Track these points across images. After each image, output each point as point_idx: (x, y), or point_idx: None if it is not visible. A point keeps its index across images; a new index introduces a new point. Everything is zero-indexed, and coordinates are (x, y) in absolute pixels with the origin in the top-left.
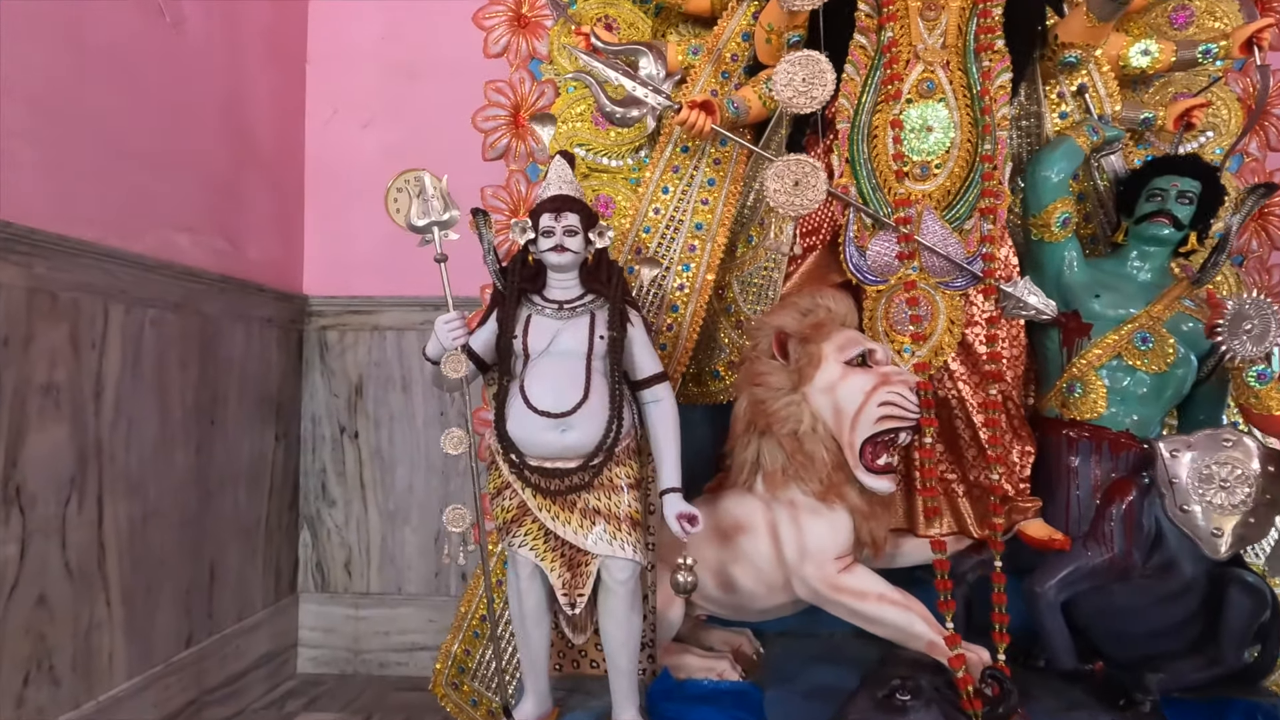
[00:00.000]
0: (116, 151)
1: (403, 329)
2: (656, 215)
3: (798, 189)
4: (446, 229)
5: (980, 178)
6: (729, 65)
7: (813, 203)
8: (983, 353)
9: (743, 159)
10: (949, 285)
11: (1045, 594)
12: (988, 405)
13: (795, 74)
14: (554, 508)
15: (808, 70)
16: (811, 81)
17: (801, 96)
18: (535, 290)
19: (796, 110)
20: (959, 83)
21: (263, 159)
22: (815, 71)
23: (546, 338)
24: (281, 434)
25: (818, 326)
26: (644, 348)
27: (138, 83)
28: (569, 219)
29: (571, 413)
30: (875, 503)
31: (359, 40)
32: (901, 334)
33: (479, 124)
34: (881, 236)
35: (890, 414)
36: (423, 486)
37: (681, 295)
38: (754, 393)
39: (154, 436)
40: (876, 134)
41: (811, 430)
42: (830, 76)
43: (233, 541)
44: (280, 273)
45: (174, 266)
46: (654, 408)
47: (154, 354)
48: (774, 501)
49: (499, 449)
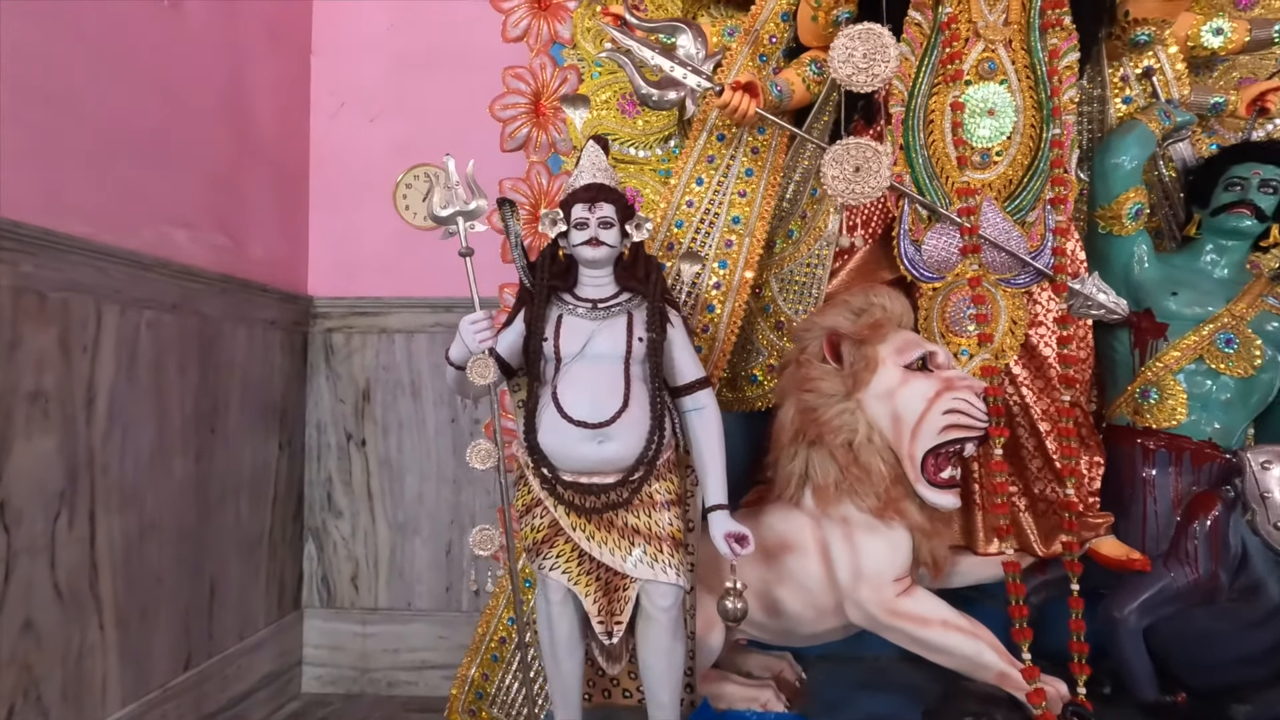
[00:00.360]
0: (109, 141)
1: (412, 331)
2: (690, 209)
3: (858, 175)
4: (473, 219)
5: (1047, 165)
6: (767, 48)
7: (875, 190)
8: (1048, 355)
9: (782, 148)
10: (1010, 283)
11: (1126, 620)
12: (1061, 413)
13: (854, 49)
14: (589, 527)
15: (868, 45)
16: (873, 57)
17: (861, 74)
18: (566, 288)
19: (856, 89)
20: (1022, 63)
21: (265, 152)
22: (877, 46)
23: (580, 340)
24: (285, 442)
25: (874, 327)
26: (685, 350)
27: (133, 68)
28: (604, 210)
29: (610, 422)
30: (936, 519)
31: (366, 29)
32: (960, 335)
33: (497, 113)
34: (938, 230)
35: (956, 423)
36: (433, 496)
37: (718, 294)
38: (803, 399)
39: (150, 446)
40: (933, 118)
41: (867, 440)
42: (894, 51)
43: (234, 556)
44: (284, 272)
45: (171, 265)
46: (696, 416)
47: (150, 358)
48: (824, 518)
49: (529, 462)
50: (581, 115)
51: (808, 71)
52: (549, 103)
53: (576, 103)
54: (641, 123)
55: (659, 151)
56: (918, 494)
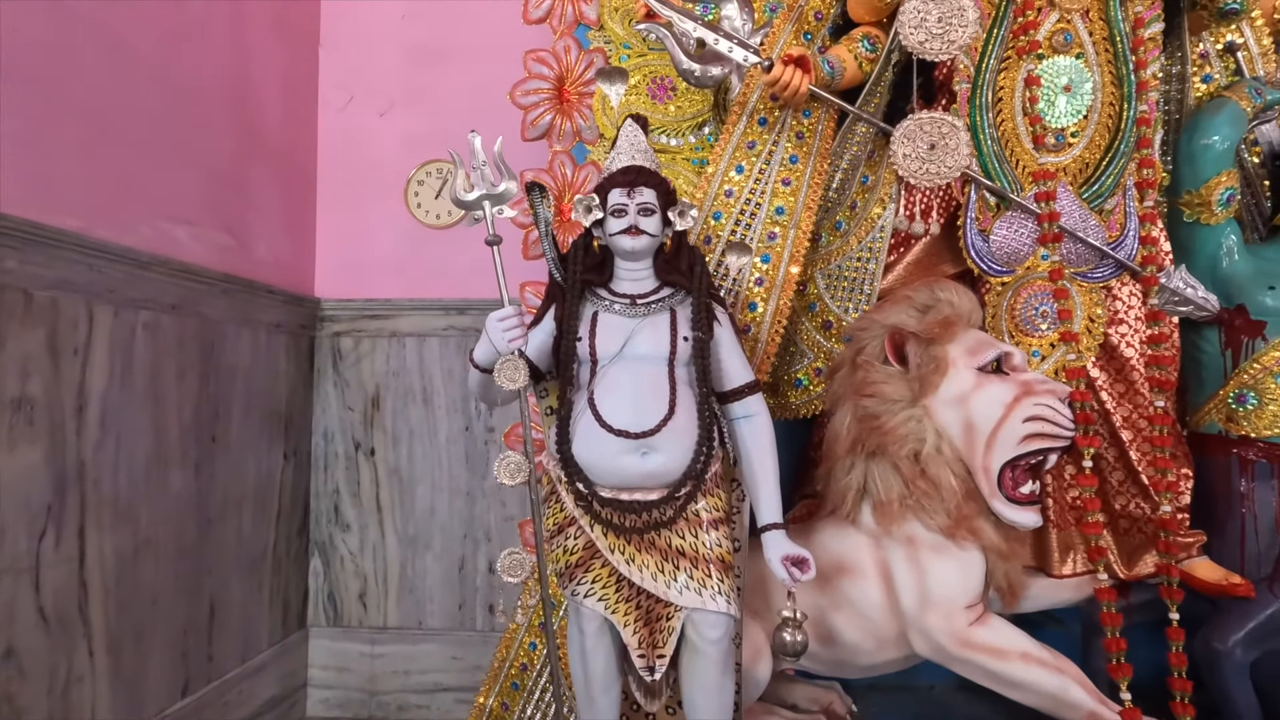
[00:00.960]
0: (106, 131)
1: (424, 335)
2: (729, 199)
3: (933, 154)
4: (501, 204)
5: (1128, 146)
6: (812, 25)
7: (952, 170)
8: (1130, 357)
9: (829, 133)
10: (1088, 276)
11: (1231, 653)
12: (1152, 420)
13: (928, 13)
14: (629, 549)
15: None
16: (949, 21)
17: (936, 40)
18: (601, 282)
19: (929, 57)
20: (1100, 34)
21: (271, 148)
22: (953, 9)
23: (619, 340)
24: (291, 452)
25: (945, 325)
26: (733, 351)
27: (131, 56)
28: (644, 195)
29: (654, 431)
30: (1012, 539)
31: (378, 20)
32: (1031, 334)
33: (518, 99)
34: (1008, 219)
35: (1039, 431)
36: (445, 509)
37: (760, 291)
38: (864, 405)
39: (146, 457)
40: (1003, 96)
41: (936, 451)
42: (972, 15)
43: (235, 573)
44: (290, 273)
45: (170, 263)
46: (745, 425)
47: (147, 362)
48: (886, 538)
49: (562, 477)
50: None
51: (860, 48)
52: (573, 88)
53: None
54: (674, 108)
55: (692, 139)
56: (993, 511)
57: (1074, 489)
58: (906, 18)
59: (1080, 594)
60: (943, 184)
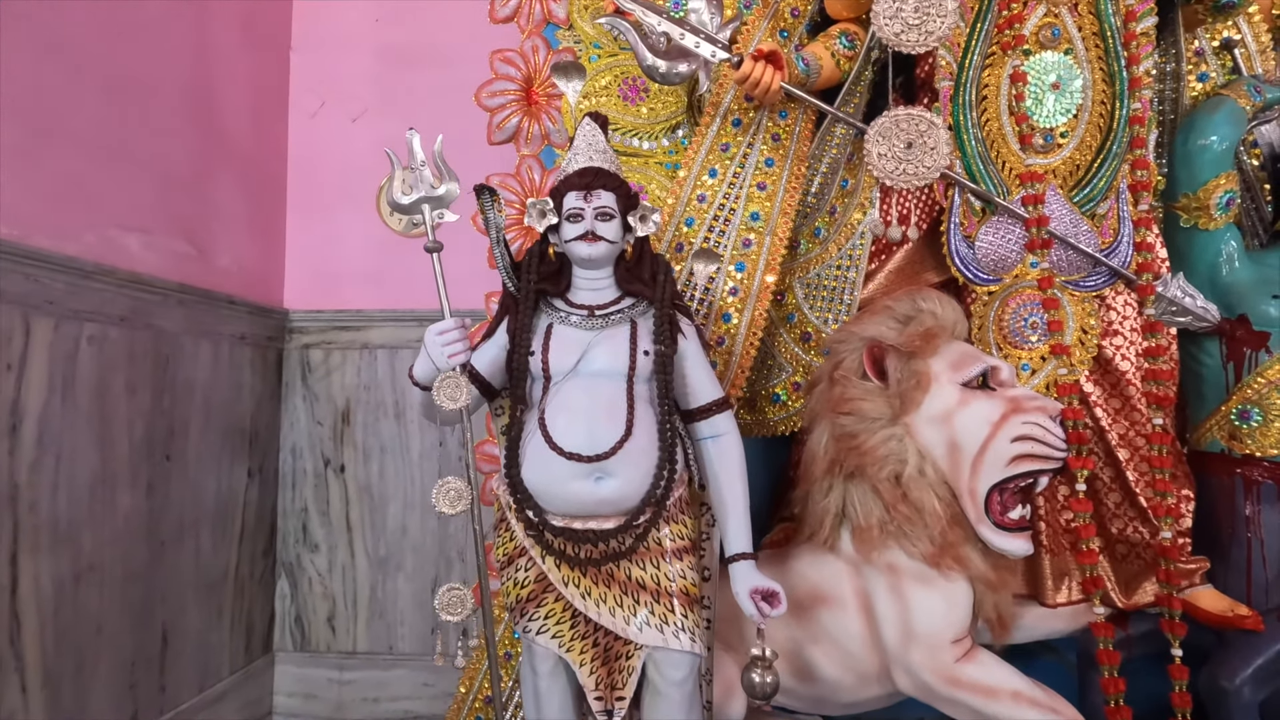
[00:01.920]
0: (48, 134)
1: (396, 347)
2: (702, 204)
3: (910, 153)
4: (441, 207)
5: (1121, 147)
6: (789, 22)
7: (931, 171)
8: (1126, 370)
9: (807, 135)
10: (1079, 285)
11: (1238, 691)
12: (1151, 439)
13: (904, 2)
14: (585, 582)
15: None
16: (925, 11)
17: (912, 31)
18: (557, 292)
19: (905, 49)
20: (1089, 29)
21: (237, 153)
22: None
23: (574, 354)
24: (256, 469)
25: (926, 337)
26: (699, 366)
27: (78, 53)
28: (603, 198)
29: (610, 454)
30: (1001, 567)
31: (350, 23)
32: (1020, 346)
33: (484, 100)
34: (994, 224)
35: (1028, 452)
36: (418, 528)
37: (735, 301)
38: (841, 423)
39: (90, 477)
40: (987, 94)
41: (918, 473)
42: (951, 5)
43: (192, 598)
44: (256, 283)
45: (118, 273)
46: (713, 445)
47: (92, 377)
48: (867, 565)
49: (511, 503)
50: (575, 88)
51: (837, 45)
52: (542, 90)
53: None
54: (646, 110)
55: (665, 142)
56: (980, 537)
57: (1067, 512)
58: (881, 7)
59: (1076, 623)
60: (921, 185)
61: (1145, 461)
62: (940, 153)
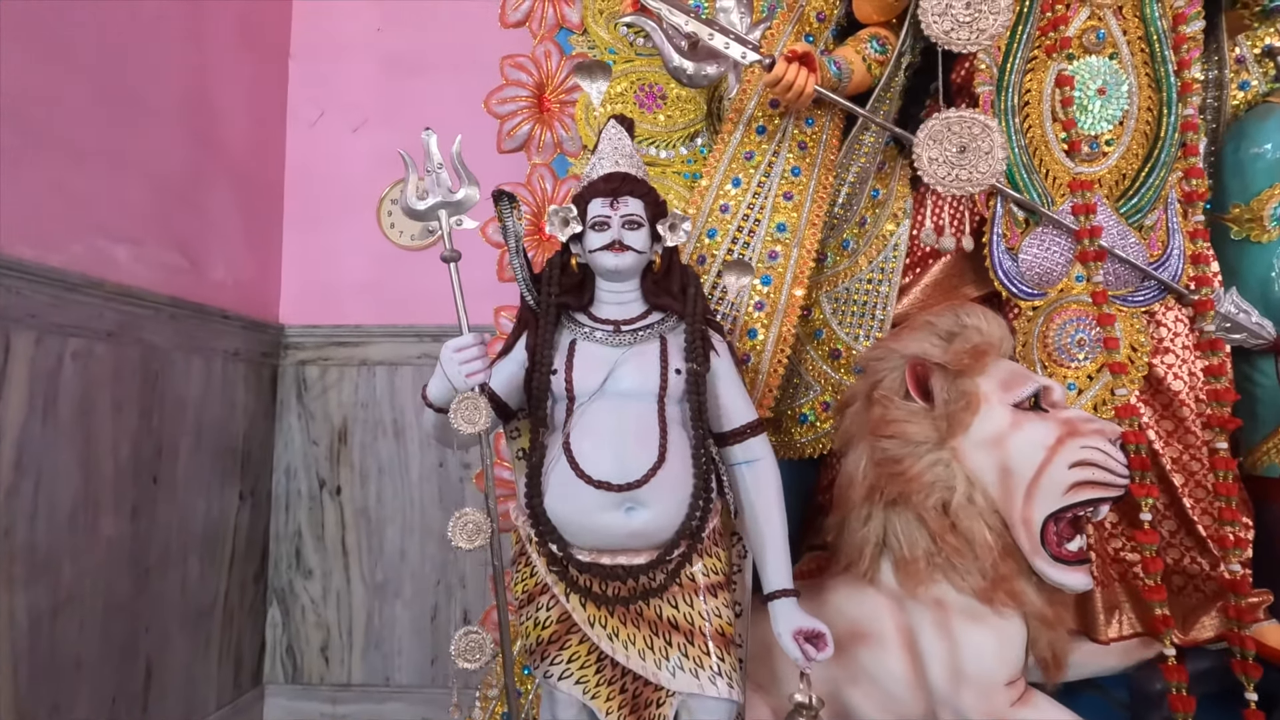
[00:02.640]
0: (31, 139)
1: (396, 364)
2: (725, 214)
3: (964, 158)
4: (459, 213)
5: (1169, 155)
6: (814, 26)
7: (986, 177)
8: (1179, 390)
9: (834, 143)
10: (1127, 300)
11: None
12: (1214, 464)
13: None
14: (612, 622)
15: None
16: (977, 7)
17: (963, 30)
18: (579, 306)
19: (955, 48)
20: (1135, 33)
21: (234, 163)
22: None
23: (600, 372)
24: (248, 491)
25: (976, 355)
26: (733, 385)
27: (67, 57)
28: (630, 206)
29: (642, 482)
30: (1057, 603)
31: (351, 32)
32: (1066, 365)
33: (494, 107)
34: (1038, 235)
35: (1089, 479)
36: (417, 552)
37: (760, 316)
38: (883, 447)
39: (72, 501)
40: (1029, 100)
41: (967, 500)
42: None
43: (178, 629)
44: (251, 297)
45: (106, 285)
46: (748, 471)
47: (75, 395)
48: (911, 601)
49: (532, 536)
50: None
51: (868, 49)
52: (554, 96)
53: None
54: (663, 117)
55: (683, 151)
56: (1035, 570)
57: (1116, 540)
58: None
59: (1128, 660)
60: (975, 192)
61: (1201, 487)
62: (996, 158)
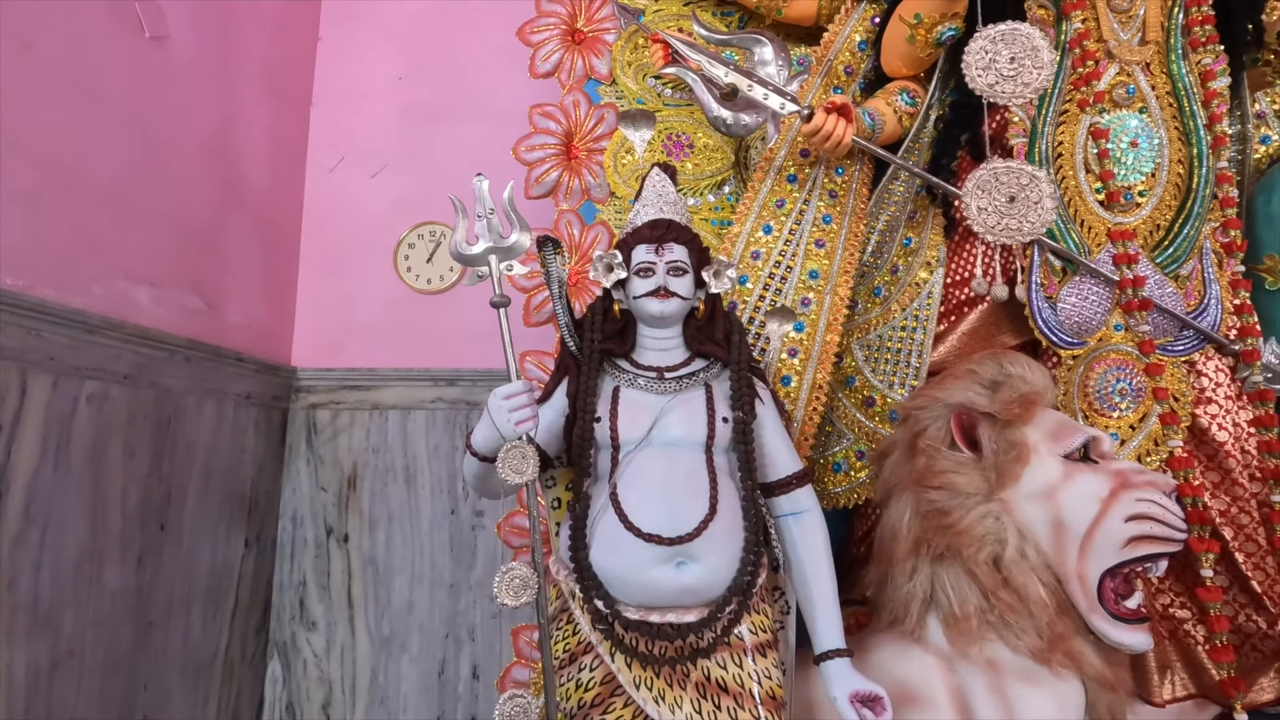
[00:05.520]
0: (61, 181)
1: (409, 408)
2: (756, 261)
3: (1013, 208)
4: (510, 259)
5: (1201, 207)
6: (842, 80)
7: (1036, 226)
8: (1224, 441)
9: (864, 192)
10: (1168, 350)
11: None
12: (1274, 518)
13: (998, 53)
14: (659, 684)
15: (1016, 48)
16: (1021, 62)
17: (1007, 83)
18: (622, 352)
19: (1000, 100)
20: (1163, 88)
21: (252, 206)
22: (1026, 49)
23: (645, 421)
24: (254, 538)
25: (1025, 404)
26: (777, 434)
27: (99, 100)
28: (675, 252)
29: (693, 535)
30: (1116, 664)
31: (373, 80)
32: (1108, 414)
33: (522, 154)
34: (1076, 284)
35: (1146, 533)
36: (425, 604)
37: (794, 363)
38: (930, 498)
39: (78, 550)
40: (1062, 151)
41: (1020, 555)
42: (1049, 56)
43: (178, 685)
44: (265, 339)
45: (125, 327)
46: (795, 524)
47: (88, 440)
48: (962, 660)
49: (576, 592)
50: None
51: (899, 101)
52: (582, 144)
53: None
54: (691, 166)
55: (712, 199)
56: (1092, 629)
57: (1164, 595)
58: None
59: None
60: (1024, 241)
61: (1252, 541)
62: (1045, 207)
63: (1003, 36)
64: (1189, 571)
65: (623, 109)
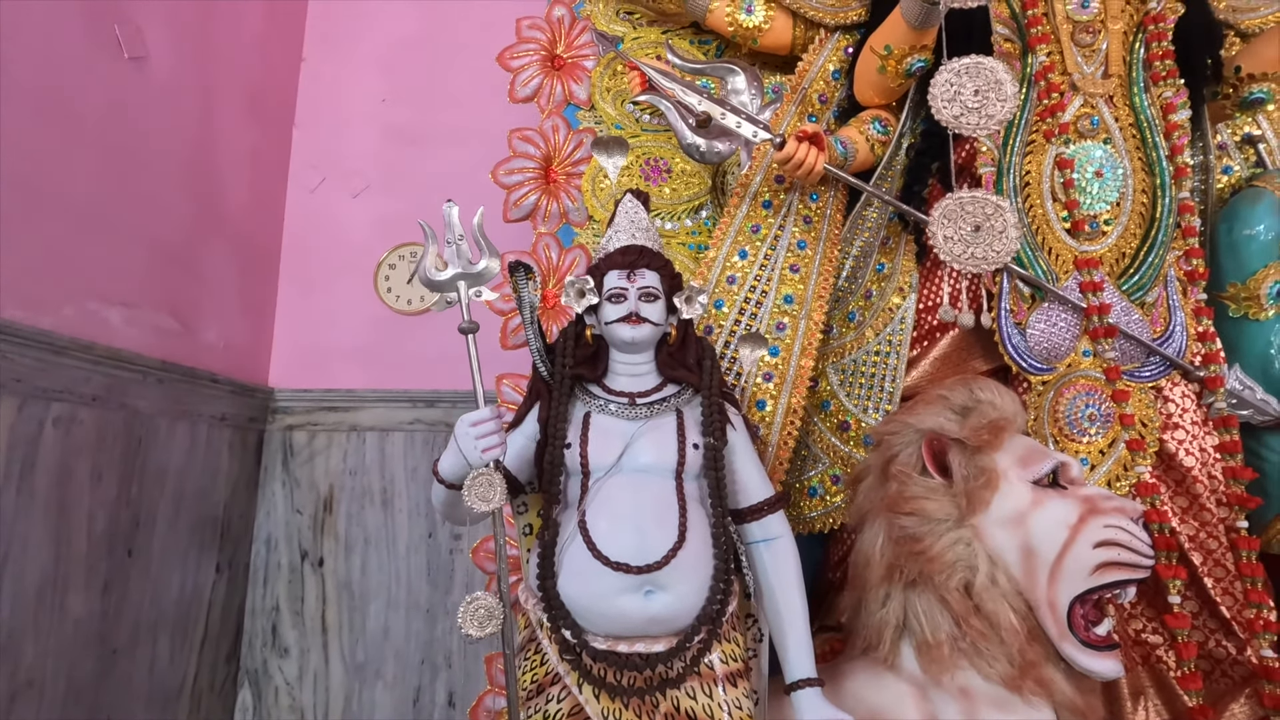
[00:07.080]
0: (31, 198)
1: (387, 429)
2: (732, 285)
3: (978, 236)
4: (479, 285)
5: (1166, 235)
6: (816, 108)
7: (1002, 255)
8: (1191, 466)
9: (838, 218)
10: (1134, 375)
11: None
12: (1240, 544)
13: (962, 85)
14: (627, 715)
15: (980, 80)
16: (985, 94)
17: (972, 114)
18: (593, 378)
19: (965, 132)
20: (1126, 120)
21: (231, 227)
22: (990, 82)
23: (616, 447)
24: (225, 563)
25: (994, 430)
26: (749, 460)
27: (75, 120)
28: (647, 278)
29: (662, 564)
30: (1088, 692)
31: (356, 102)
32: (1078, 440)
33: (501, 178)
34: (1044, 311)
35: (1114, 559)
36: (401, 630)
37: (769, 387)
38: (901, 524)
39: (40, 577)
40: (1029, 180)
41: (990, 581)
42: (1012, 89)
43: (143, 714)
44: (241, 360)
45: (95, 348)
46: (766, 550)
47: (54, 464)
48: (934, 688)
49: (544, 621)
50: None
51: (871, 130)
52: (561, 168)
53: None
54: (669, 190)
55: (688, 223)
56: (1063, 656)
57: (1136, 620)
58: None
59: None
60: (990, 270)
61: (1220, 566)
62: (1010, 236)
63: (967, 70)
64: (1160, 597)
65: (599, 134)
